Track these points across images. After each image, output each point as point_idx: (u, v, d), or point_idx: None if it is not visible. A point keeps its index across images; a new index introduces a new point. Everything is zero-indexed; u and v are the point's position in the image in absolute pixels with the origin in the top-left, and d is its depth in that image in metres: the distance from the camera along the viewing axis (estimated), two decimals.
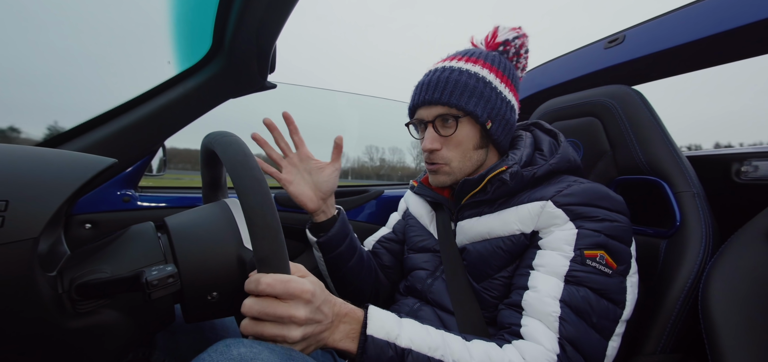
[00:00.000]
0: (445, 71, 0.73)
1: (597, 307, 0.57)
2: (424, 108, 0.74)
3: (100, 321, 0.46)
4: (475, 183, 0.72)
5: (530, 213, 0.66)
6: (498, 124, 0.73)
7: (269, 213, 0.43)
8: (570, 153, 0.73)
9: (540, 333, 0.56)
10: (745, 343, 0.53)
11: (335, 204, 0.84)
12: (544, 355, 0.54)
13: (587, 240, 0.60)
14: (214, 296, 0.50)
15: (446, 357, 0.51)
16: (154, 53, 1.00)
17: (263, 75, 0.94)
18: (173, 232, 0.50)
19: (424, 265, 0.82)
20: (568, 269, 0.59)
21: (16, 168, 0.42)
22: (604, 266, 0.59)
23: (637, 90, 0.86)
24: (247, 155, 0.48)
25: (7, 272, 0.39)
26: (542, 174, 0.69)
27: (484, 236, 0.71)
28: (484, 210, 0.73)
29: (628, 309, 0.60)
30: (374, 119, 2.12)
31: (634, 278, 0.62)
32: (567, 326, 0.55)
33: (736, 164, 0.80)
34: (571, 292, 0.57)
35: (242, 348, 0.42)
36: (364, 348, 0.49)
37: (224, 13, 0.78)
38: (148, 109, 0.87)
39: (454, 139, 0.73)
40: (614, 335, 0.58)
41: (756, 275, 0.57)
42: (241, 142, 0.50)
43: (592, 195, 0.63)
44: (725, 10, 0.78)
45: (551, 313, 0.56)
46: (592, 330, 0.56)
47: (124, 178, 0.94)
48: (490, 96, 0.71)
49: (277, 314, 0.44)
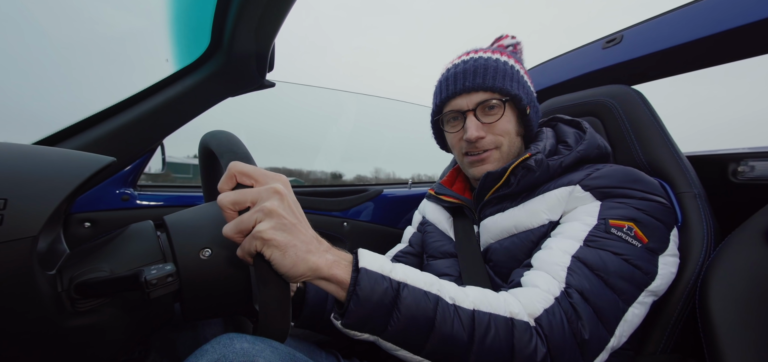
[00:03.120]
0: (479, 59, 0.70)
1: (616, 267, 0.51)
2: (463, 96, 0.70)
3: (100, 319, 0.46)
4: (499, 175, 0.68)
5: (558, 198, 0.62)
6: (534, 111, 0.71)
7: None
8: (598, 139, 0.69)
9: (539, 279, 0.52)
10: (743, 342, 0.53)
11: None
12: (539, 295, 0.50)
13: (614, 212, 0.55)
14: (213, 295, 0.50)
15: (442, 293, 0.48)
16: (152, 50, 1.00)
17: (262, 73, 0.94)
18: (172, 231, 0.50)
19: (448, 271, 0.77)
20: (588, 233, 0.54)
21: (15, 166, 0.42)
22: (632, 237, 0.53)
23: (638, 90, 0.86)
24: (238, 143, 0.49)
25: (6, 270, 0.39)
26: (570, 163, 0.66)
27: (511, 231, 0.67)
28: (506, 205, 0.70)
29: (658, 281, 0.54)
30: (374, 119, 2.11)
31: (671, 259, 0.57)
32: (576, 276, 0.51)
33: (733, 164, 0.80)
34: (587, 251, 0.52)
35: (245, 344, 0.42)
36: (356, 279, 0.44)
37: (223, 10, 0.78)
38: (147, 107, 0.87)
39: (499, 125, 0.69)
40: (636, 302, 0.52)
41: (753, 274, 0.57)
42: (235, 137, 0.51)
43: (624, 178, 0.59)
44: (724, 10, 0.78)
45: (558, 263, 0.52)
46: (607, 288, 0.51)
47: (123, 176, 0.94)
48: (525, 83, 0.70)
49: (249, 197, 0.42)
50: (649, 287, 0.54)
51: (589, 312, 0.49)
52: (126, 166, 0.92)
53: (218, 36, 0.85)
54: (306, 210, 0.47)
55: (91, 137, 0.83)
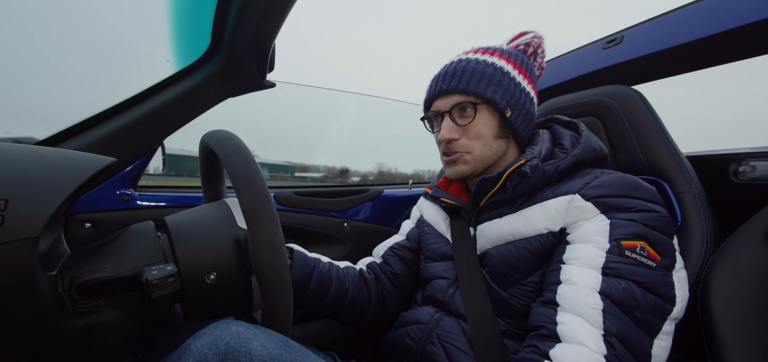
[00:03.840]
0: (461, 62, 0.72)
1: (643, 301, 0.50)
2: (441, 98, 0.72)
3: (101, 320, 0.46)
4: (493, 181, 0.69)
5: (557, 208, 0.61)
6: (518, 114, 0.70)
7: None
8: (594, 142, 0.69)
9: (581, 330, 0.48)
10: (745, 342, 0.53)
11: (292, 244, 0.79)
12: (589, 358, 0.46)
13: (624, 230, 0.54)
14: (213, 295, 0.50)
15: None
16: (153, 51, 1.00)
17: (262, 73, 0.94)
18: (173, 231, 0.50)
19: (445, 274, 0.77)
20: (604, 260, 0.53)
21: (16, 167, 0.42)
22: (647, 258, 0.53)
23: (638, 90, 0.86)
24: (242, 148, 0.49)
25: (7, 271, 0.39)
26: (566, 167, 0.65)
27: (508, 238, 0.67)
28: (504, 211, 0.70)
29: (678, 305, 0.53)
30: (374, 118, 2.13)
31: (681, 274, 0.56)
32: (612, 320, 0.48)
33: (734, 164, 0.80)
34: (612, 284, 0.51)
35: (240, 328, 0.44)
36: None
37: (223, 11, 0.78)
38: (148, 108, 0.87)
39: (473, 128, 0.70)
40: (661, 334, 0.51)
41: (755, 274, 0.57)
42: (236, 137, 0.51)
43: (624, 186, 0.59)
44: (725, 10, 0.78)
45: (593, 306, 0.49)
46: (636, 327, 0.50)
47: (124, 177, 0.94)
48: (508, 85, 0.70)
49: None
50: (671, 315, 0.53)
51: (631, 360, 0.48)
52: (127, 166, 0.92)
53: (219, 36, 0.85)
54: (306, 211, 0.47)
55: (91, 138, 0.83)
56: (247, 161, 0.48)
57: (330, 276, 0.79)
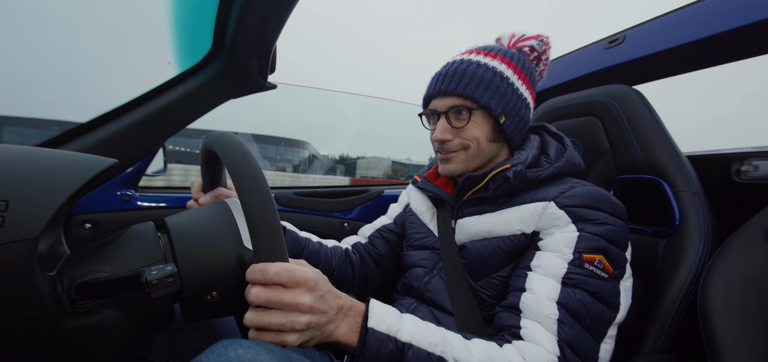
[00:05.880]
0: (462, 63, 0.73)
1: (592, 310, 0.58)
2: (439, 98, 0.74)
3: (100, 320, 0.46)
4: (478, 180, 0.72)
5: (532, 213, 0.66)
6: (511, 120, 0.72)
7: (269, 212, 0.44)
8: (575, 158, 0.73)
9: (540, 334, 0.56)
10: (744, 342, 0.53)
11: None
12: (545, 357, 0.54)
13: (587, 244, 0.60)
14: (213, 296, 0.50)
15: (446, 354, 0.51)
16: (154, 53, 1.00)
17: (263, 75, 0.94)
18: (173, 232, 0.50)
19: (422, 263, 0.81)
20: (565, 271, 0.59)
21: (17, 168, 0.42)
22: (601, 270, 0.59)
23: (637, 90, 0.86)
24: (247, 154, 0.48)
25: (6, 271, 0.39)
26: (546, 176, 0.69)
27: (484, 235, 0.71)
28: (485, 209, 0.73)
29: (621, 312, 0.60)
30: (375, 117, 2.14)
31: (628, 282, 0.63)
32: (565, 328, 0.56)
33: (736, 164, 0.80)
34: (568, 295, 0.58)
35: (240, 350, 0.42)
36: (364, 340, 0.49)
37: (224, 13, 0.78)
38: (149, 110, 0.88)
39: (467, 131, 0.72)
40: (607, 337, 0.59)
41: (755, 275, 0.57)
42: (241, 141, 0.51)
43: (594, 199, 0.64)
44: (725, 10, 0.77)
45: (550, 316, 0.56)
46: (586, 332, 0.57)
47: (124, 178, 0.94)
48: (505, 90, 0.71)
49: (284, 301, 0.44)
50: (615, 320, 0.60)
51: None
52: (127, 167, 0.93)
53: (220, 38, 0.86)
54: (306, 211, 0.47)
55: (93, 139, 0.83)
56: (252, 170, 0.47)
57: (319, 255, 0.83)
